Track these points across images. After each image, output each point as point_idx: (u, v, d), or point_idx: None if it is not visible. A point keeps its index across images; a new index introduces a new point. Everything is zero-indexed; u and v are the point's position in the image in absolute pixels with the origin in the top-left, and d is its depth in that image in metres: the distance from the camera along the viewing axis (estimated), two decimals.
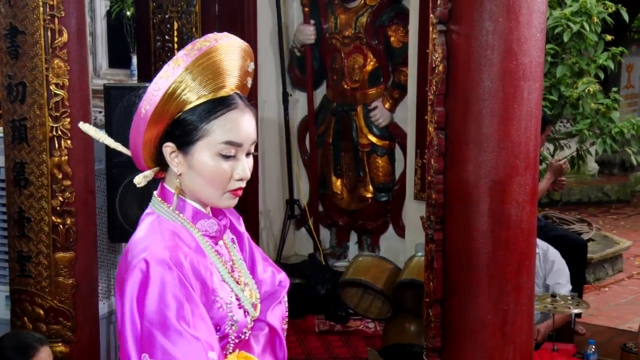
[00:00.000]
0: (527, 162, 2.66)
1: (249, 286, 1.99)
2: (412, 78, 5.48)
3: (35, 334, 3.54)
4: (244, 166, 1.87)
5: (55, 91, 3.78)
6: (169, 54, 6.16)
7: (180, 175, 1.86)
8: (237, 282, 1.94)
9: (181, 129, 1.83)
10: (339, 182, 6.33)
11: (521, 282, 2.69)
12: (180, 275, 1.79)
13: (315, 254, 6.23)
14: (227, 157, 1.84)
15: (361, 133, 6.12)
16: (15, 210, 4.01)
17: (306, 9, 6.20)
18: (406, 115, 5.73)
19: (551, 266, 4.65)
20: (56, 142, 3.81)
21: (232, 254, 2.00)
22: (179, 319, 1.75)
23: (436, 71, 2.68)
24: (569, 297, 4.17)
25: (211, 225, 1.92)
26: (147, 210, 1.92)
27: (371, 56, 6.02)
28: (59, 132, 3.80)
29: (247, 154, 1.89)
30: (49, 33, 3.77)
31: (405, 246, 5.72)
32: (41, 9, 3.74)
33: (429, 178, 2.77)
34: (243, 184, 1.88)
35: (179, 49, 6.14)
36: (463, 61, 2.63)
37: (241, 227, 2.10)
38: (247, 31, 6.13)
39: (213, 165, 1.84)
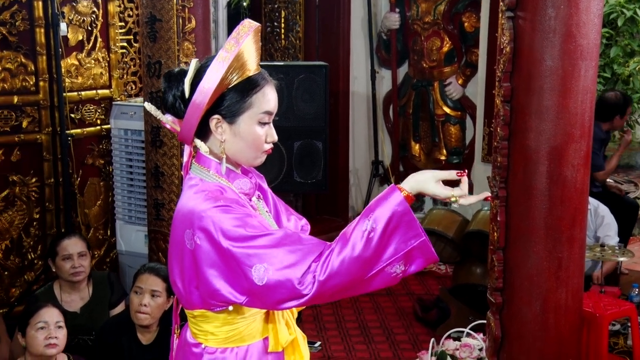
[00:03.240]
0: (582, 131, 2.58)
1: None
2: (483, 58, 5.36)
3: (158, 265, 3.48)
4: (274, 132, 1.90)
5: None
6: (277, 37, 6.18)
7: (223, 142, 1.85)
8: None
9: (228, 102, 1.83)
10: (417, 147, 6.28)
11: (574, 234, 2.62)
12: (238, 205, 1.79)
13: None
14: (263, 124, 1.86)
15: (437, 105, 6.05)
16: (152, 166, 4.12)
17: None
18: (476, 90, 5.62)
19: (601, 220, 4.52)
20: None
21: (259, 209, 1.99)
22: (255, 228, 1.75)
23: (504, 52, 2.61)
24: (616, 247, 4.05)
25: (245, 183, 1.92)
26: (189, 176, 1.90)
27: (447, 39, 5.91)
28: None
29: None
30: (180, 20, 3.83)
31: None
32: (174, 0, 3.80)
33: (495, 144, 2.71)
34: (272, 145, 1.90)
35: (285, 34, 6.16)
36: (527, 43, 2.55)
37: (264, 185, 2.09)
38: (342, 18, 6.09)
39: (255, 132, 1.85)
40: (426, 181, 1.82)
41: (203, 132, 1.87)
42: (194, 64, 1.87)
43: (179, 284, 1.86)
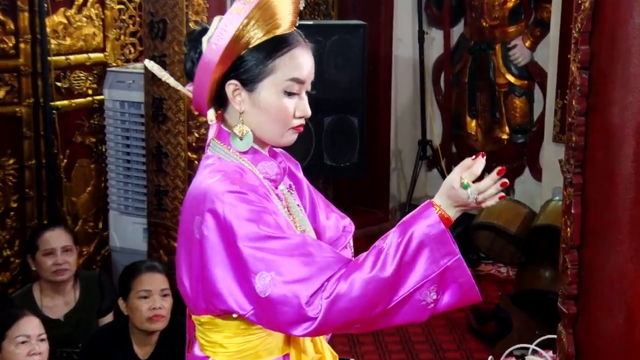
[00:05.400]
0: None
1: (306, 232, 1.98)
2: (556, 15, 5.30)
3: (154, 262, 3.64)
4: (306, 105, 1.91)
5: (195, 28, 3.83)
6: None
7: (242, 113, 1.88)
8: (295, 227, 1.95)
9: (246, 66, 1.85)
10: (473, 123, 6.25)
11: None
12: (256, 194, 1.80)
13: None
14: (290, 95, 1.87)
15: (499, 72, 6.00)
16: (153, 145, 4.14)
17: None
18: (547, 54, 5.57)
19: None
20: None
21: (288, 201, 2.00)
22: (269, 226, 1.76)
23: (582, 8, 2.59)
24: None
25: (271, 167, 1.94)
26: (206, 155, 1.93)
27: None
28: None
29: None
30: None
31: (541, 190, 5.62)
32: None
33: (570, 120, 2.69)
34: (303, 121, 1.91)
35: None
36: None
37: (299, 174, 2.10)
38: None
39: (278, 103, 1.87)
40: (452, 183, 1.78)
41: (223, 100, 1.90)
42: (216, 21, 1.88)
43: (185, 283, 1.88)
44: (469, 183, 1.76)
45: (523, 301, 4.42)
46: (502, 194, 1.81)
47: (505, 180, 1.79)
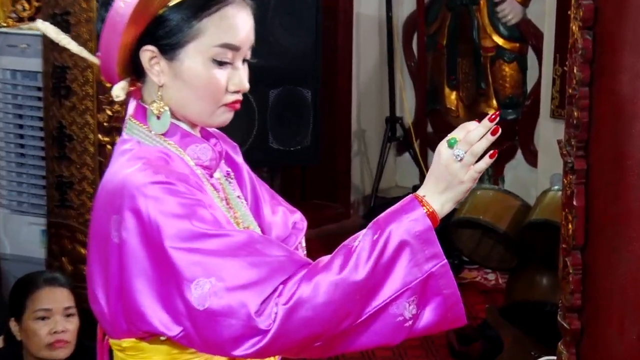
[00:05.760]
0: None
1: (250, 229, 2.00)
2: None
3: (54, 274, 3.63)
4: (241, 76, 1.91)
5: None
6: None
7: (161, 87, 1.88)
8: (236, 224, 1.96)
9: (166, 28, 1.85)
10: (453, 96, 6.29)
11: None
12: (187, 185, 1.80)
13: (421, 185, 6.22)
14: (221, 64, 1.88)
15: (484, 33, 6.06)
16: (54, 125, 4.11)
17: None
18: (542, 10, 5.63)
19: None
20: None
21: (227, 191, 2.02)
22: (205, 222, 1.76)
23: None
24: None
25: (204, 151, 1.94)
26: (122, 138, 1.94)
27: None
28: None
29: (243, 61, 1.92)
30: None
31: (537, 177, 5.67)
32: None
33: (571, 91, 2.70)
34: (240, 96, 1.91)
35: None
36: None
37: (239, 158, 2.12)
38: None
39: (206, 74, 1.87)
40: (438, 148, 1.84)
41: (141, 71, 1.90)
42: None
43: (101, 300, 1.86)
44: (457, 139, 1.81)
45: (515, 315, 4.45)
46: (494, 150, 1.83)
47: (497, 126, 1.80)
